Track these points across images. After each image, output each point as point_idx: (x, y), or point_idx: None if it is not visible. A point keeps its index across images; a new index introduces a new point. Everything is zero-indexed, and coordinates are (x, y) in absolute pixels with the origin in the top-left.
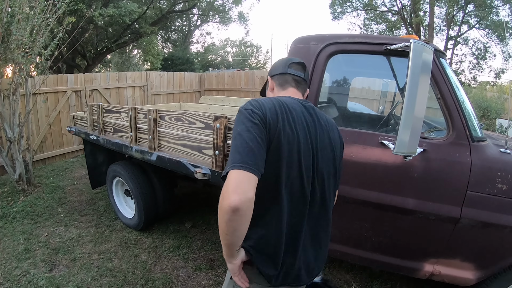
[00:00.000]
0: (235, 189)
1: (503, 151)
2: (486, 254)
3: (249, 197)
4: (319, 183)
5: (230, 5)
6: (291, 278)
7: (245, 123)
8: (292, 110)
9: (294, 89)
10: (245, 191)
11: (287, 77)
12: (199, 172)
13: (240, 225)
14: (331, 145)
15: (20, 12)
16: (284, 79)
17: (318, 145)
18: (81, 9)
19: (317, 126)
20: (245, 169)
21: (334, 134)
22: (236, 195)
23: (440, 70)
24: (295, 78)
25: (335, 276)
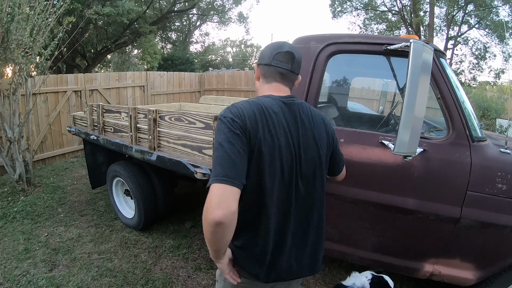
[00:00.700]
0: (218, 204)
1: (503, 151)
2: (486, 254)
3: (232, 211)
4: (303, 184)
5: (230, 5)
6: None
7: (226, 133)
8: (272, 114)
9: (278, 83)
10: (228, 205)
11: (272, 70)
12: (199, 172)
13: (225, 235)
14: (315, 144)
15: (20, 12)
16: (269, 71)
17: (300, 147)
18: (77, 8)
19: (299, 127)
20: (227, 182)
21: (320, 130)
22: (219, 210)
23: (440, 70)
24: (280, 71)
25: (335, 276)
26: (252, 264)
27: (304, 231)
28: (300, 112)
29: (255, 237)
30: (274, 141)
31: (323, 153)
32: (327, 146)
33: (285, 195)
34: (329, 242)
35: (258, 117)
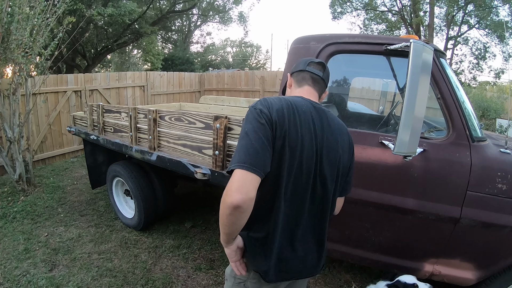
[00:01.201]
0: (238, 188)
1: (503, 151)
2: (486, 254)
3: (251, 197)
4: (321, 184)
5: (230, 5)
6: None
7: (253, 123)
8: (300, 111)
9: (310, 87)
10: (247, 191)
11: (305, 74)
12: (199, 172)
13: (240, 220)
14: (338, 149)
15: (20, 12)
16: (302, 76)
17: (323, 148)
18: (80, 9)
19: (325, 129)
20: (249, 169)
21: (343, 138)
22: (239, 194)
23: (440, 70)
24: (313, 76)
25: (335, 276)
26: (261, 257)
27: (313, 231)
28: (327, 117)
29: (267, 230)
30: (298, 137)
31: (344, 161)
32: (348, 157)
33: (301, 192)
34: (329, 242)
35: (286, 112)
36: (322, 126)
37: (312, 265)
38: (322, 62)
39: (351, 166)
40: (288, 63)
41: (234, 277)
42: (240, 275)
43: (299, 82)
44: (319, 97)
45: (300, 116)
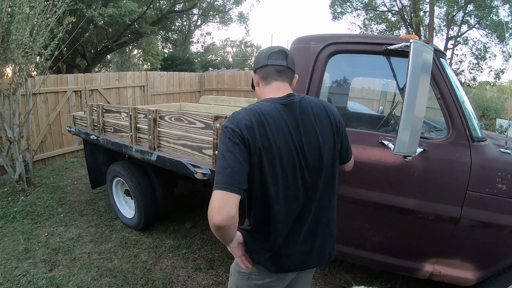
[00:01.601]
0: (218, 210)
1: (503, 151)
2: (486, 254)
3: (231, 215)
4: (312, 178)
5: (230, 5)
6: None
7: (227, 143)
8: (269, 119)
9: (277, 82)
10: (227, 211)
11: (268, 69)
12: (199, 172)
13: (228, 233)
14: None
15: (20, 12)
16: (266, 71)
17: (303, 144)
18: (81, 9)
19: (300, 127)
20: (227, 189)
21: (322, 121)
22: (219, 216)
23: (440, 70)
24: (277, 68)
25: (335, 276)
26: (262, 253)
27: (314, 225)
28: (299, 111)
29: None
30: (273, 148)
31: (329, 142)
32: (333, 135)
33: (293, 196)
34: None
35: (256, 125)
36: (296, 123)
37: (318, 255)
38: (282, 49)
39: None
40: None
41: (238, 271)
42: (245, 269)
43: (265, 79)
44: (290, 84)
45: (270, 125)
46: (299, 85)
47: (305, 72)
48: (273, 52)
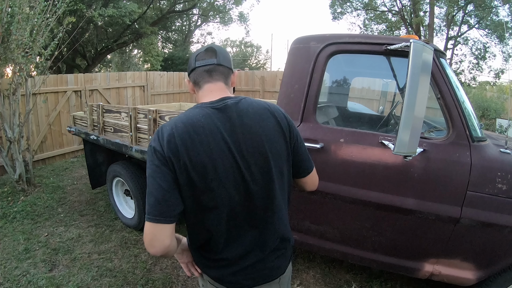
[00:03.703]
0: (151, 243)
1: (503, 151)
2: (486, 254)
3: (166, 245)
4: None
5: (231, 5)
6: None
7: (150, 167)
8: (198, 129)
9: (209, 84)
10: (160, 243)
11: (198, 71)
12: None
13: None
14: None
15: (20, 12)
16: (196, 74)
17: (244, 154)
18: (81, 9)
19: (237, 131)
20: (156, 221)
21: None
22: (153, 248)
23: (440, 70)
24: (206, 68)
25: (335, 276)
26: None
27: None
28: (236, 114)
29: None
30: (203, 159)
31: (278, 146)
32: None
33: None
34: (330, 242)
35: (178, 140)
36: (233, 128)
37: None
38: (211, 47)
39: (296, 145)
40: (288, 63)
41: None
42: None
43: (198, 84)
44: (225, 84)
45: (199, 135)
46: (299, 85)
47: (305, 72)
48: (200, 52)
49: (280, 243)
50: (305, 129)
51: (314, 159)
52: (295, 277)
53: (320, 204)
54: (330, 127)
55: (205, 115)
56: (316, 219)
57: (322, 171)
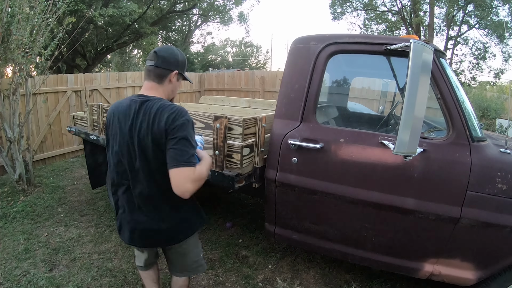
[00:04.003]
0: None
1: (503, 151)
2: (486, 254)
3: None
4: (140, 165)
5: (231, 6)
6: (126, 239)
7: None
8: (117, 111)
9: (146, 81)
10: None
11: (145, 70)
12: None
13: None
14: (149, 130)
15: (20, 12)
16: (144, 72)
17: (137, 132)
18: (81, 9)
19: (140, 118)
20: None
21: (159, 119)
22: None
23: (440, 70)
24: (147, 68)
25: (335, 276)
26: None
27: (139, 206)
28: (137, 109)
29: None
30: (113, 132)
31: (157, 138)
32: (165, 133)
33: (125, 172)
34: (330, 242)
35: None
36: (138, 116)
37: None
38: (156, 49)
39: (170, 142)
40: (288, 63)
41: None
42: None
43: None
44: (159, 83)
45: (115, 116)
46: (299, 85)
47: (305, 72)
48: (150, 53)
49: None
50: (305, 129)
51: (314, 159)
52: (295, 277)
53: (320, 204)
54: (330, 127)
55: (126, 104)
56: (316, 219)
57: (322, 171)
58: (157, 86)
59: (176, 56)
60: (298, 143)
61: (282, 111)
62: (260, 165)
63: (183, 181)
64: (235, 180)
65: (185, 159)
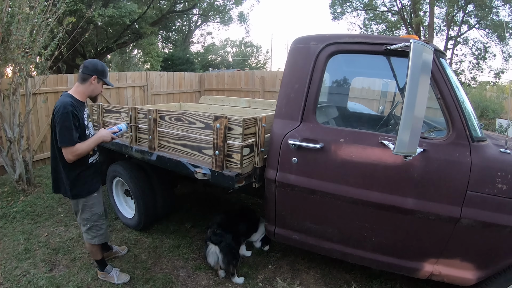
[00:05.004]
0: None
1: (503, 151)
2: (486, 254)
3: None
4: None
5: (231, 5)
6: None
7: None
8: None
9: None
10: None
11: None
12: (199, 172)
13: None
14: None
15: (20, 12)
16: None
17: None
18: (81, 9)
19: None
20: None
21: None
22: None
23: (440, 70)
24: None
25: (335, 276)
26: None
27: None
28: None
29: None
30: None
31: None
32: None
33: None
34: (329, 242)
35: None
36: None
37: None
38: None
39: (54, 127)
40: (288, 63)
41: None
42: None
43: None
44: (81, 83)
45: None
46: (299, 85)
47: (305, 72)
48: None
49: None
50: (305, 129)
51: (314, 159)
52: (295, 277)
53: (320, 204)
54: (330, 127)
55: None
56: (316, 219)
57: (322, 171)
58: (78, 85)
59: (96, 65)
60: (298, 143)
61: (282, 111)
62: (260, 165)
63: (65, 154)
64: (235, 180)
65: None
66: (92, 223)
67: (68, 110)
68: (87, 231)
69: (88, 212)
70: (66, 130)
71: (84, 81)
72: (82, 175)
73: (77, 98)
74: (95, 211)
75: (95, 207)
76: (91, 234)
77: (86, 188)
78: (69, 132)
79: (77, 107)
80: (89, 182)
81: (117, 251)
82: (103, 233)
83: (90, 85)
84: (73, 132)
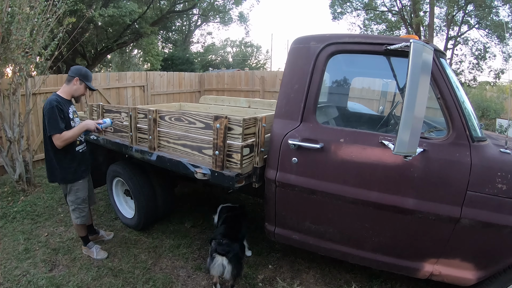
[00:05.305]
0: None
1: (503, 151)
2: (486, 254)
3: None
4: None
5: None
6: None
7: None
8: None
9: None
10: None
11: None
12: (199, 172)
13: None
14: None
15: (20, 12)
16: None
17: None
18: (81, 9)
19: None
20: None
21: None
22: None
23: (440, 70)
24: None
25: (335, 276)
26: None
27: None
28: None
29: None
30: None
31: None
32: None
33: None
34: (330, 242)
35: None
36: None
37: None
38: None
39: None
40: (288, 63)
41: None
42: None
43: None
44: (66, 84)
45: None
46: (299, 85)
47: (305, 72)
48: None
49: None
50: (305, 129)
51: (314, 159)
52: (295, 277)
53: (320, 204)
54: (330, 127)
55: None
56: (316, 219)
57: (322, 171)
58: (64, 86)
59: (80, 70)
60: (298, 143)
61: (282, 111)
62: (260, 165)
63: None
64: (235, 180)
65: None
66: (76, 205)
67: (53, 105)
68: (72, 212)
69: (73, 195)
70: (54, 120)
71: (69, 82)
72: (70, 162)
73: (62, 96)
74: (79, 195)
75: (79, 192)
76: (75, 215)
77: (73, 174)
78: (56, 122)
79: (61, 103)
80: (77, 169)
81: (103, 235)
82: (84, 215)
83: (73, 86)
84: (59, 122)
